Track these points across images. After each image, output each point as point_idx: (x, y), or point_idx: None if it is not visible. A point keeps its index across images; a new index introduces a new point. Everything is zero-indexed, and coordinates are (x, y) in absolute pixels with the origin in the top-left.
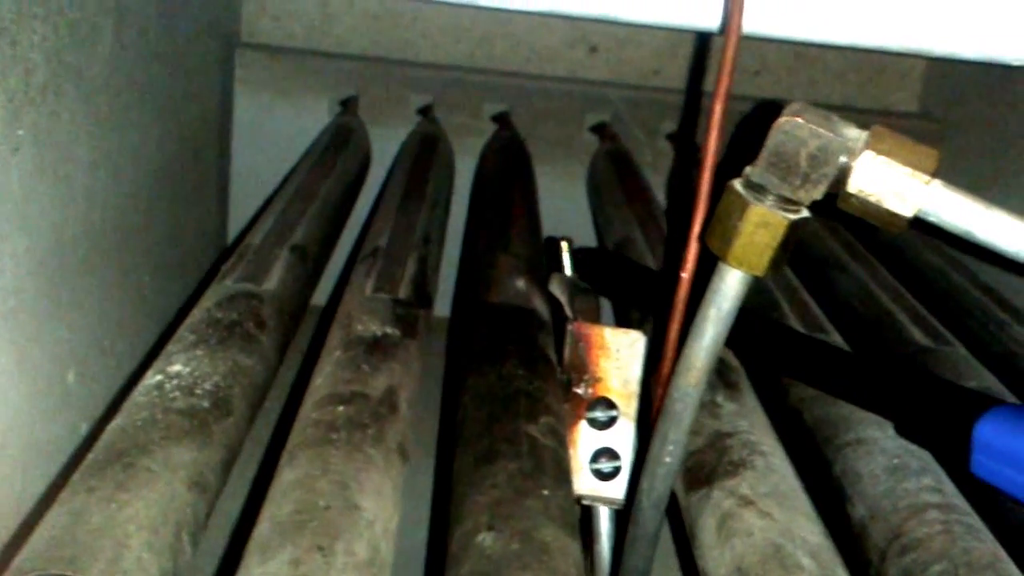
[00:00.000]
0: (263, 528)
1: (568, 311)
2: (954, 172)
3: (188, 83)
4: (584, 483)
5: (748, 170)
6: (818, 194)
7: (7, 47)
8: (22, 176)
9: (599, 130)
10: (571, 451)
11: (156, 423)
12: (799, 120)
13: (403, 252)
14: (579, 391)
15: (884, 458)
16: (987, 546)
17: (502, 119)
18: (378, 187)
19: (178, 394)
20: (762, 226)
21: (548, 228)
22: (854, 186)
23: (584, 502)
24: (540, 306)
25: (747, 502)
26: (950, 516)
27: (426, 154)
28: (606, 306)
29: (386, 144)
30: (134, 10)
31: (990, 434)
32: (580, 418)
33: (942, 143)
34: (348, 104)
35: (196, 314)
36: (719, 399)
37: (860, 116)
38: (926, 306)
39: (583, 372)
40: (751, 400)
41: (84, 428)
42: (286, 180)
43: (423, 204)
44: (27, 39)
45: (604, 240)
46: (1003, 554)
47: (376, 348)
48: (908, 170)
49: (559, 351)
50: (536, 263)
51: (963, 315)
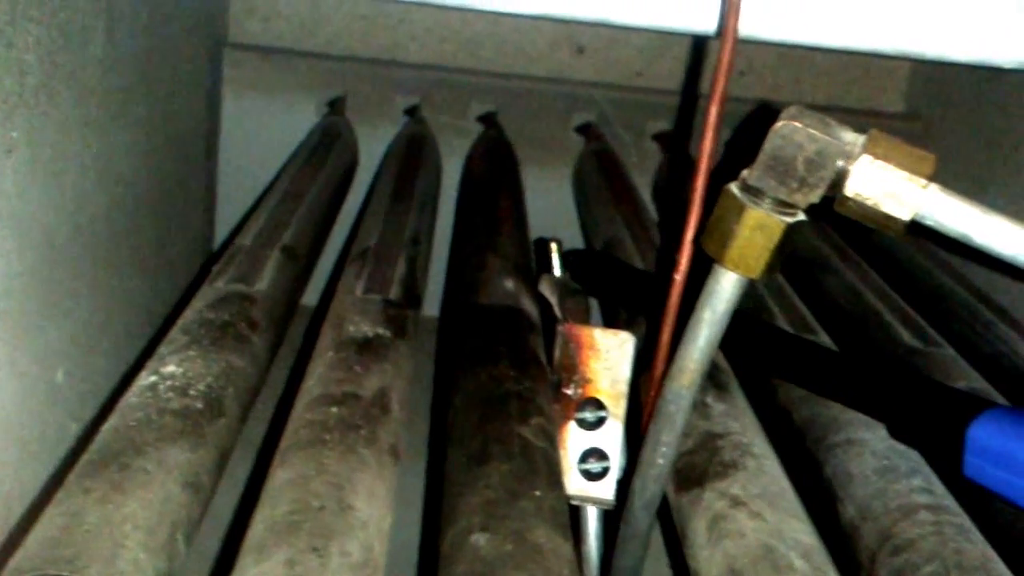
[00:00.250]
0: (258, 528)
1: (558, 312)
2: (940, 172)
3: (176, 84)
4: (573, 483)
5: (745, 173)
6: (815, 197)
7: (2, 49)
8: (15, 178)
9: (585, 130)
10: (560, 452)
11: (151, 424)
12: (796, 124)
13: (393, 253)
14: (568, 392)
15: (874, 459)
16: (978, 547)
17: (489, 120)
18: (365, 187)
19: (172, 395)
20: (759, 229)
21: (535, 228)
22: (851, 190)
23: (573, 502)
24: (529, 307)
25: (738, 503)
26: (941, 517)
27: (414, 155)
28: (594, 307)
29: (373, 144)
30: (125, 12)
31: (983, 436)
32: (569, 419)
33: (928, 143)
34: (335, 104)
35: (188, 315)
36: (709, 400)
37: (845, 116)
38: (914, 307)
39: (573, 373)
40: (741, 401)
41: (73, 428)
42: (275, 181)
43: (411, 205)
44: (22, 41)
45: (590, 240)
46: (993, 555)
47: (368, 349)
48: (905, 174)
49: (549, 352)
50: (524, 263)
51: (951, 316)
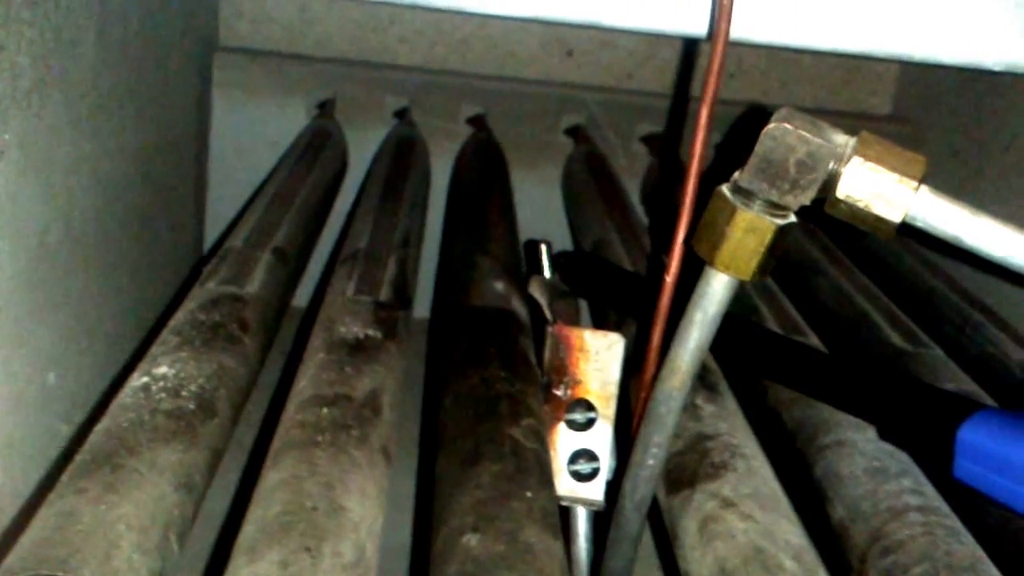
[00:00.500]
0: (250, 529)
1: (548, 313)
2: (928, 175)
3: (167, 86)
4: (563, 484)
5: (736, 175)
6: (806, 200)
7: None
8: (8, 180)
9: (574, 132)
10: (550, 453)
11: (143, 425)
12: (787, 126)
13: (383, 254)
14: (558, 393)
15: (864, 460)
16: (968, 548)
17: (478, 121)
18: (355, 189)
19: (164, 396)
20: (750, 231)
21: (523, 229)
22: (842, 192)
23: (563, 503)
24: (520, 308)
25: (729, 504)
26: (931, 518)
27: (403, 157)
28: (583, 309)
29: (363, 147)
30: (116, 14)
31: (974, 439)
32: (559, 420)
33: (916, 146)
34: (325, 107)
35: (180, 316)
36: (699, 401)
37: (833, 119)
38: (903, 308)
39: (563, 374)
40: (731, 402)
41: (64, 429)
42: (265, 182)
43: (401, 206)
44: (15, 43)
45: (579, 242)
46: (983, 556)
47: (359, 350)
48: (896, 176)
49: (539, 353)
50: (514, 265)
51: (940, 318)
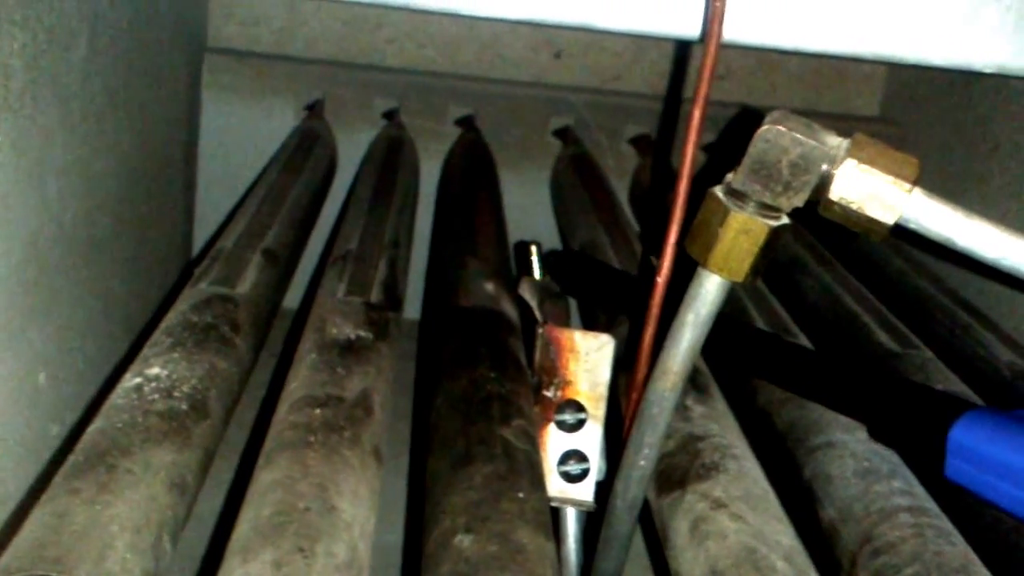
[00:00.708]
0: (243, 529)
1: (538, 314)
2: (920, 176)
3: (157, 88)
4: (553, 485)
5: (729, 177)
6: (799, 201)
7: None
8: (0, 182)
9: (563, 134)
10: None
11: (136, 425)
12: (781, 128)
13: (373, 255)
14: (548, 394)
15: (854, 461)
16: (959, 549)
17: (467, 123)
18: (344, 190)
19: (157, 396)
20: (743, 233)
21: (512, 230)
22: (836, 193)
23: (553, 504)
24: (509, 309)
25: (720, 505)
26: (921, 519)
27: (392, 158)
28: (572, 308)
29: (352, 148)
30: (107, 16)
31: (965, 438)
32: (549, 421)
33: (903, 147)
34: (314, 108)
35: (172, 317)
36: (689, 402)
37: (821, 120)
38: (892, 310)
39: (553, 375)
40: (721, 404)
41: (54, 430)
42: (255, 184)
43: (391, 208)
44: (7, 46)
45: (568, 243)
46: (974, 557)
47: (350, 351)
48: (889, 178)
49: (529, 354)
50: (503, 266)
51: (929, 319)
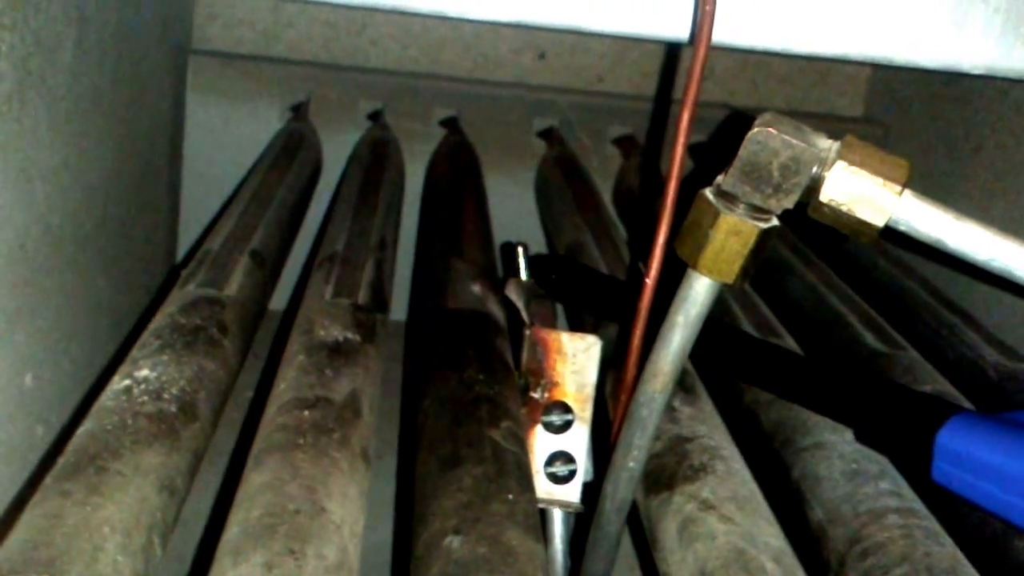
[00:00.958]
0: (234, 531)
1: (525, 316)
2: (910, 178)
3: (142, 90)
4: (540, 486)
5: (720, 179)
6: (789, 203)
7: None
8: None
9: (547, 135)
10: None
11: (126, 427)
12: (771, 130)
13: (360, 257)
14: (535, 395)
15: (842, 462)
16: (947, 550)
17: (451, 124)
18: (330, 192)
19: (146, 399)
20: (733, 234)
21: (498, 231)
22: (826, 196)
23: (539, 505)
24: (496, 311)
25: (708, 506)
26: (910, 520)
27: (377, 159)
28: (559, 313)
29: (337, 149)
30: (94, 19)
31: (953, 442)
32: (536, 422)
33: (887, 148)
34: (299, 110)
35: (160, 319)
36: (677, 404)
37: (805, 120)
38: (878, 310)
39: (540, 376)
40: (708, 405)
41: (40, 431)
42: (241, 186)
43: (377, 209)
44: None
45: (553, 244)
46: (963, 558)
47: (338, 353)
48: (879, 180)
49: (516, 356)
50: (489, 267)
51: (915, 319)
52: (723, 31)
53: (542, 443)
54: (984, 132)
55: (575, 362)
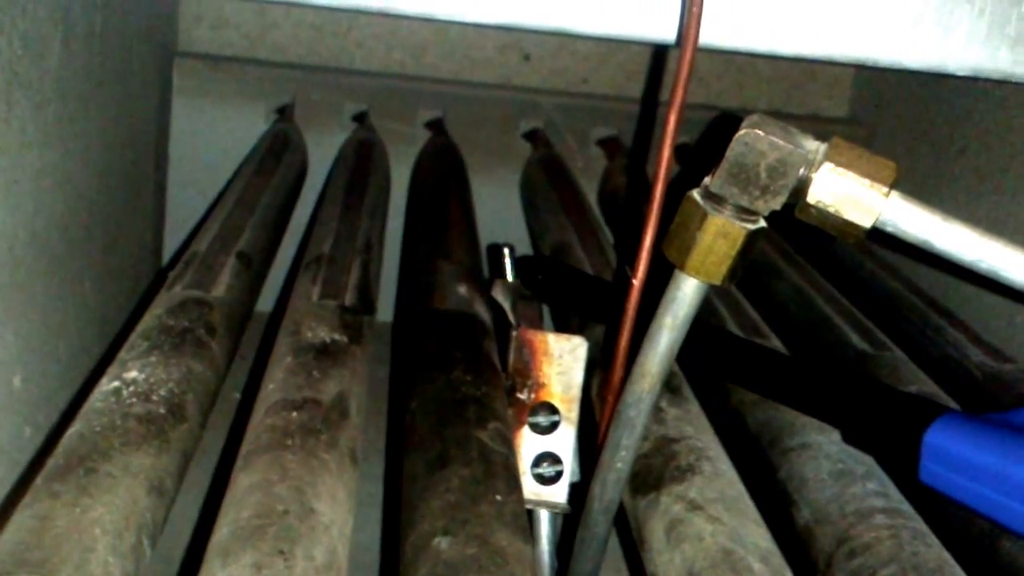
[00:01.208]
0: (223, 532)
1: (511, 317)
2: (897, 180)
3: (128, 92)
4: (527, 487)
5: (707, 181)
6: (777, 205)
7: None
8: None
9: (532, 136)
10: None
11: (115, 428)
12: (759, 132)
13: (346, 259)
14: (522, 396)
15: (829, 463)
16: (934, 551)
17: (436, 126)
18: (315, 193)
19: (135, 400)
20: (721, 236)
21: (483, 233)
22: (813, 197)
23: (527, 506)
24: (483, 312)
25: (696, 507)
26: (897, 521)
27: (363, 161)
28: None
29: (323, 151)
30: (80, 22)
31: (940, 442)
32: (523, 423)
33: (872, 148)
34: (284, 111)
35: (148, 321)
36: (663, 404)
37: (789, 121)
38: (863, 311)
39: (526, 378)
40: (694, 406)
41: (28, 433)
42: (227, 188)
43: (363, 211)
44: None
45: (539, 245)
46: (950, 558)
47: (325, 354)
48: (867, 181)
49: (503, 357)
50: (476, 269)
51: (900, 320)
52: (709, 33)
53: (529, 444)
54: (969, 133)
55: (561, 363)
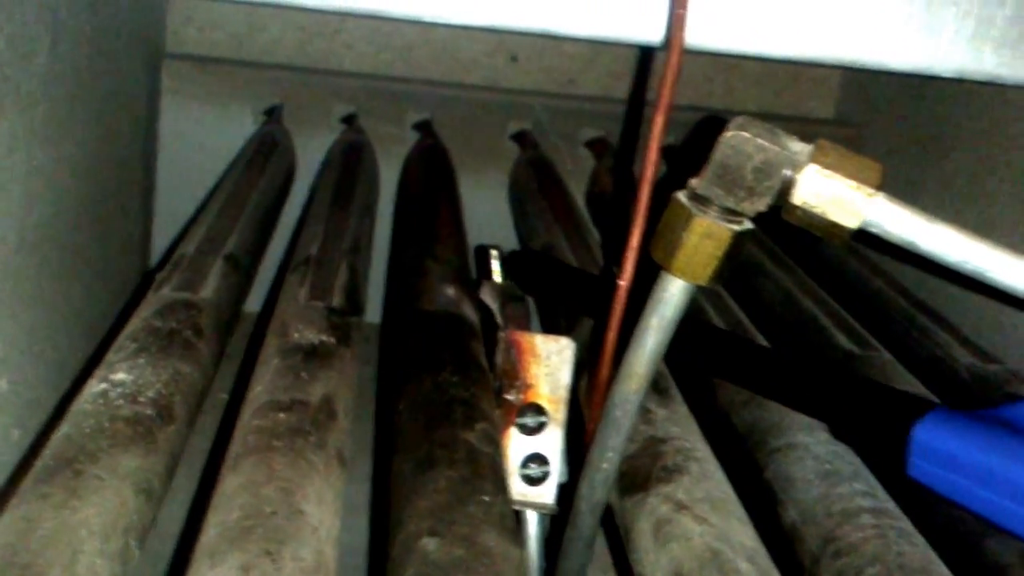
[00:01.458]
0: (211, 534)
1: (499, 318)
2: (884, 181)
3: (117, 94)
4: (514, 488)
5: (693, 182)
6: (763, 206)
7: None
8: None
9: (520, 138)
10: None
11: (103, 430)
12: (744, 134)
13: (335, 260)
14: (510, 397)
15: (816, 463)
16: (920, 550)
17: (424, 127)
18: (304, 195)
19: (122, 402)
20: (707, 237)
21: (472, 234)
22: (799, 198)
23: (514, 507)
24: (470, 313)
25: (683, 507)
26: (883, 520)
27: (351, 163)
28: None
29: (311, 153)
30: (69, 23)
31: (928, 438)
32: (510, 424)
33: (859, 150)
34: (273, 113)
35: (135, 323)
36: (651, 405)
37: (776, 123)
38: (850, 312)
39: (514, 378)
40: (681, 406)
41: (16, 435)
42: (215, 189)
43: (351, 212)
44: None
45: (527, 245)
46: (935, 557)
47: (313, 356)
48: (852, 183)
49: (490, 358)
50: (464, 270)
51: (887, 321)
52: (696, 34)
53: (517, 445)
54: (955, 134)
55: (549, 364)
